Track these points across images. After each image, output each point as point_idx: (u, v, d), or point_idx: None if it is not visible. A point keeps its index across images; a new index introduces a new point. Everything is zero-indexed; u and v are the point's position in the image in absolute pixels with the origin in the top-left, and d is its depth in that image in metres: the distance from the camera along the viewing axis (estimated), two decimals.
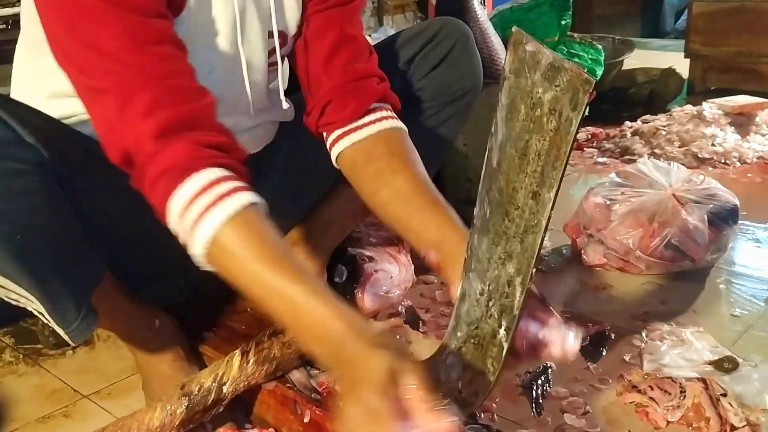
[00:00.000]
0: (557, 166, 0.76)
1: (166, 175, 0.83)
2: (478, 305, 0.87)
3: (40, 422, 1.16)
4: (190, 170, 0.82)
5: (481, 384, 0.89)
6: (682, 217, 1.50)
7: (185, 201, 0.82)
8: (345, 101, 1.08)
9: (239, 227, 0.81)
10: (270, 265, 0.81)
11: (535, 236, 0.79)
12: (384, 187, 1.05)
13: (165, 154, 0.83)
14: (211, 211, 0.81)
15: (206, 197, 0.81)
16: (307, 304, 0.80)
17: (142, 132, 0.83)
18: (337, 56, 1.08)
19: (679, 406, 1.08)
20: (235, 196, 0.82)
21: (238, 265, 0.82)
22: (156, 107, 0.84)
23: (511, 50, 0.79)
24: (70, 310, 0.92)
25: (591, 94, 0.73)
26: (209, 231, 0.81)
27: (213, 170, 0.83)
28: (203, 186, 0.82)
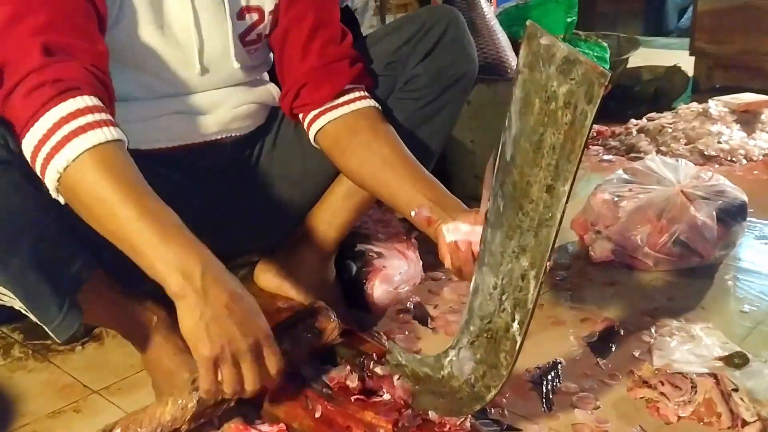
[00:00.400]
0: (572, 160, 0.76)
1: (51, 86, 0.85)
2: (491, 299, 0.87)
3: (50, 417, 1.15)
4: (77, 90, 0.86)
5: (494, 378, 0.89)
6: (691, 213, 1.50)
7: (59, 118, 0.84)
8: (320, 83, 1.15)
9: (102, 158, 0.85)
10: (133, 194, 0.84)
11: (550, 230, 0.80)
12: (371, 157, 1.12)
13: (55, 67, 0.87)
14: (79, 136, 0.84)
15: (78, 121, 0.85)
16: (171, 231, 0.84)
17: (29, 45, 0.87)
18: (314, 41, 1.15)
19: (690, 401, 1.08)
20: (105, 129, 0.86)
21: (93, 194, 0.84)
22: (50, 30, 0.88)
23: (525, 44, 0.79)
24: (51, 307, 0.93)
25: (606, 87, 0.73)
26: (69, 155, 0.84)
27: (91, 98, 0.87)
28: (79, 108, 0.85)
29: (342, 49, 1.17)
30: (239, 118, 1.20)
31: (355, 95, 1.16)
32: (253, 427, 1.07)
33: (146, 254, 0.84)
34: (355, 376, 1.03)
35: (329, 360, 1.09)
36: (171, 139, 1.15)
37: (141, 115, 1.09)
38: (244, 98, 1.20)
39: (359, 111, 1.15)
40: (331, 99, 1.15)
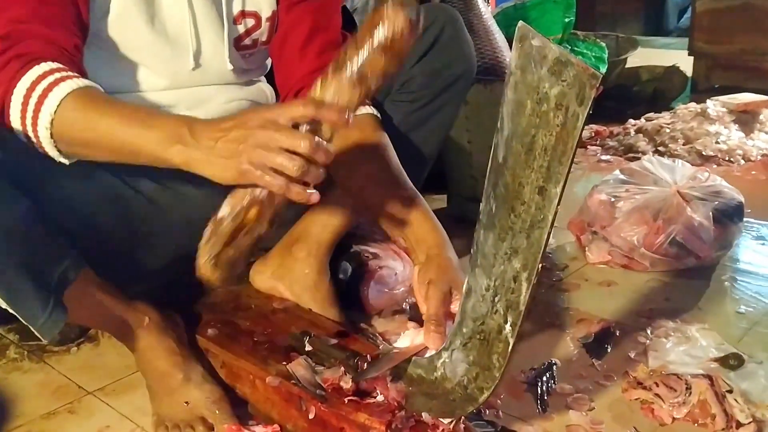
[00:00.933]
0: (564, 161, 0.76)
1: (16, 60, 0.91)
2: (483, 301, 0.87)
3: (44, 418, 1.15)
4: (41, 59, 0.92)
5: (487, 379, 0.89)
6: (687, 214, 1.50)
7: (30, 83, 0.90)
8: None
9: (81, 96, 0.91)
10: (115, 109, 0.91)
11: (542, 231, 0.79)
12: (357, 173, 1.11)
13: (16, 47, 0.92)
14: (54, 88, 0.90)
15: (48, 79, 0.90)
16: (153, 117, 0.90)
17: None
18: (311, 45, 1.15)
19: (684, 402, 1.08)
20: (75, 79, 0.92)
21: (83, 124, 0.90)
22: (20, 21, 0.94)
23: (517, 46, 0.79)
24: (34, 306, 0.93)
25: (597, 89, 0.73)
26: (52, 107, 0.89)
27: (56, 63, 0.93)
28: (47, 70, 0.91)
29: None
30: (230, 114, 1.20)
31: None
32: (246, 428, 1.08)
33: (144, 147, 0.88)
34: (348, 378, 1.02)
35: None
36: None
37: None
38: (235, 95, 1.21)
39: (354, 119, 1.13)
40: None
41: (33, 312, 0.93)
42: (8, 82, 0.91)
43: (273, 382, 1.07)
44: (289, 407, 1.05)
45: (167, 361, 1.12)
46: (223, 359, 1.17)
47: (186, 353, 1.14)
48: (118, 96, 1.05)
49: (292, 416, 1.06)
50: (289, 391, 1.05)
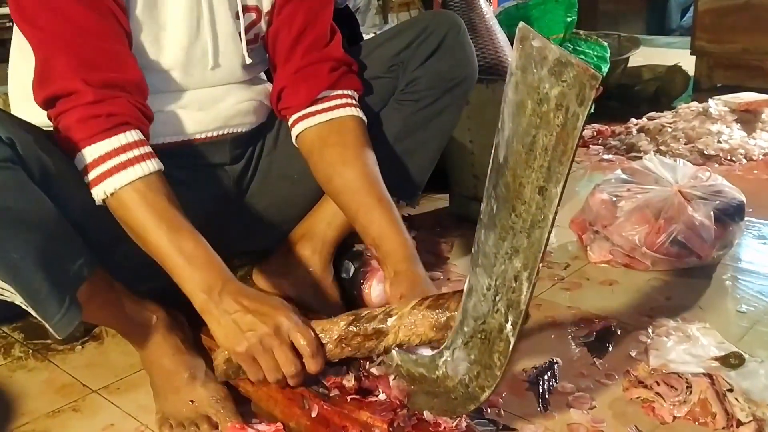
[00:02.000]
0: (564, 161, 0.77)
1: (108, 120, 0.98)
2: (485, 300, 0.88)
3: (49, 417, 1.16)
4: (127, 125, 1.00)
5: (488, 378, 0.90)
6: (689, 213, 1.51)
7: (112, 149, 0.98)
8: (297, 87, 1.19)
9: (145, 190, 0.98)
10: (167, 223, 0.98)
11: (542, 231, 0.80)
12: (335, 177, 1.16)
13: (108, 103, 0.99)
14: (128, 167, 0.98)
15: (129, 154, 0.98)
16: (198, 255, 0.98)
17: (74, 82, 0.98)
18: (299, 43, 1.18)
19: (685, 401, 1.08)
20: (147, 161, 1.00)
21: (136, 220, 0.98)
22: (89, 67, 0.99)
23: (517, 46, 0.79)
24: (51, 303, 0.94)
25: (597, 89, 0.73)
26: (119, 184, 0.97)
27: (138, 133, 1.01)
28: (129, 143, 0.99)
29: (324, 53, 1.19)
30: (240, 114, 1.22)
31: (336, 102, 1.19)
32: (250, 426, 1.08)
33: (177, 275, 0.98)
34: (351, 376, 1.03)
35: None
36: (171, 133, 1.16)
37: None
38: (244, 95, 1.22)
39: (335, 121, 1.18)
40: (309, 103, 1.18)
41: (50, 309, 0.93)
42: (92, 135, 0.98)
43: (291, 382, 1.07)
44: (292, 406, 1.06)
45: (173, 359, 1.12)
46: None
47: (191, 352, 1.15)
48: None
49: (294, 414, 1.06)
50: (291, 389, 1.06)
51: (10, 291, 0.91)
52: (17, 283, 0.90)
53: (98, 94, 0.98)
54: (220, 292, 0.96)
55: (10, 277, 0.90)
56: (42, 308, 0.93)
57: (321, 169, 1.18)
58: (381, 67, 1.27)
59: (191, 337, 1.19)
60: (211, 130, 1.19)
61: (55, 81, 0.99)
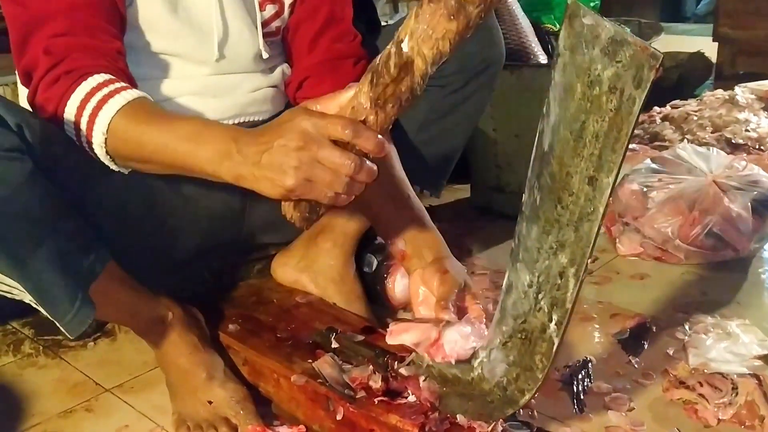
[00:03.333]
0: (617, 149, 0.71)
1: (68, 77, 0.91)
2: (526, 298, 0.82)
3: (61, 417, 1.12)
4: (90, 73, 0.91)
5: (529, 381, 0.84)
6: (725, 204, 1.45)
7: (83, 97, 0.90)
8: (322, 78, 1.14)
9: (132, 112, 0.90)
10: (165, 125, 0.89)
11: (592, 224, 0.74)
12: None
13: (64, 63, 0.92)
14: (107, 102, 0.89)
15: (101, 93, 0.90)
16: (202, 132, 0.88)
17: (38, 50, 0.92)
18: (323, 36, 1.15)
19: (731, 403, 1.03)
20: (124, 92, 0.91)
21: (136, 137, 0.89)
22: (65, 34, 0.93)
23: (566, 25, 0.73)
24: (62, 302, 0.89)
25: (657, 70, 0.67)
26: (105, 120, 0.89)
27: (106, 75, 0.92)
28: (98, 83, 0.91)
29: (351, 48, 1.16)
30: (257, 103, 1.17)
31: None
32: (271, 429, 1.04)
33: (194, 165, 0.88)
34: (378, 377, 0.98)
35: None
36: None
37: (156, 95, 1.05)
38: (261, 82, 1.17)
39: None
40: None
41: (61, 308, 0.89)
42: (59, 99, 0.91)
43: (298, 381, 1.03)
44: (316, 407, 1.01)
45: (189, 358, 1.07)
46: (245, 356, 1.13)
47: (209, 350, 1.10)
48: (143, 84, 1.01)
49: (318, 417, 1.01)
50: (315, 390, 1.01)
51: (18, 289, 0.86)
52: (25, 280, 0.86)
53: (55, 58, 0.92)
54: (238, 150, 0.84)
55: (17, 274, 0.85)
56: (52, 307, 0.88)
57: None
58: None
59: (208, 335, 1.14)
60: (227, 118, 1.14)
61: (26, 53, 0.94)
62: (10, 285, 0.88)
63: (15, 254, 0.85)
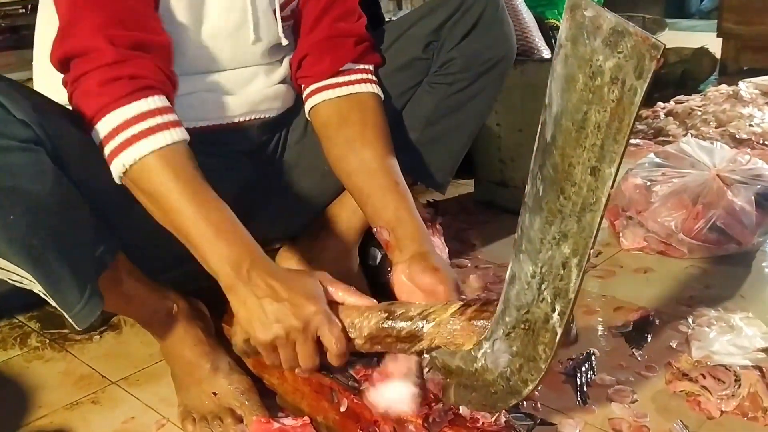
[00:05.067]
0: (619, 139, 0.71)
1: (131, 82, 0.89)
2: (529, 288, 0.82)
3: (67, 409, 1.12)
4: (152, 89, 0.90)
5: (532, 371, 0.85)
6: (728, 198, 1.45)
7: (134, 115, 0.89)
8: (321, 56, 1.13)
9: (166, 160, 0.89)
10: (191, 193, 0.89)
11: (594, 214, 0.74)
12: (352, 156, 1.09)
13: (131, 63, 0.90)
14: (152, 135, 0.89)
15: (153, 120, 0.89)
16: (224, 228, 0.90)
17: (97, 40, 0.89)
18: (327, 14, 1.13)
19: (733, 395, 1.03)
20: (172, 129, 0.90)
21: (158, 190, 0.89)
22: (115, 25, 0.91)
23: (568, 16, 0.73)
24: (71, 292, 0.89)
25: (659, 60, 0.68)
26: (141, 152, 0.88)
27: (163, 99, 0.92)
28: (152, 109, 0.90)
29: (352, 27, 1.14)
30: (269, 99, 1.16)
31: (357, 76, 1.14)
32: (276, 421, 1.04)
33: (202, 249, 0.89)
34: None
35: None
36: (198, 118, 1.09)
37: None
38: (272, 78, 1.16)
39: (355, 96, 1.12)
40: (331, 74, 1.13)
41: (70, 299, 0.89)
42: (113, 100, 0.89)
43: (303, 373, 1.03)
44: (320, 399, 1.02)
45: (194, 350, 1.08)
46: None
47: (213, 343, 1.11)
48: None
49: (322, 408, 1.02)
50: (319, 382, 1.01)
51: (28, 279, 0.87)
52: (37, 270, 0.86)
53: (121, 54, 0.90)
54: (248, 269, 0.88)
55: (29, 264, 0.85)
56: (62, 298, 0.89)
57: (336, 145, 1.12)
58: (416, 48, 1.20)
59: (213, 327, 1.14)
60: (238, 115, 1.13)
61: (75, 37, 0.90)
62: (21, 275, 0.88)
63: (27, 244, 0.84)
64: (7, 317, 1.38)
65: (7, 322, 1.37)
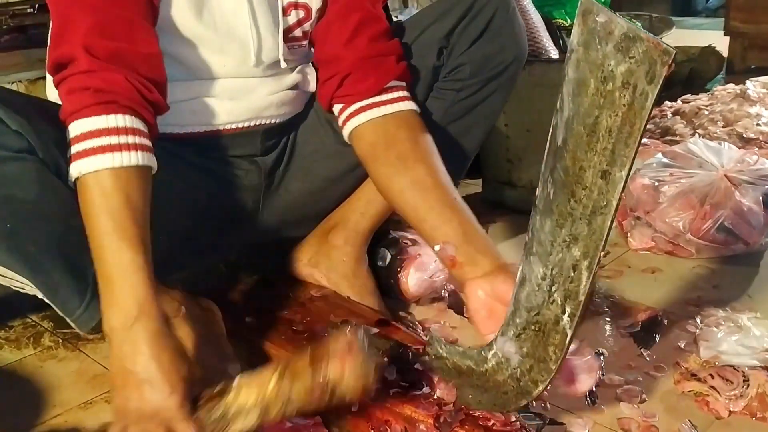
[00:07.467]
0: (630, 144, 0.72)
1: (94, 95, 0.87)
2: (539, 290, 0.83)
3: (82, 408, 1.14)
4: (116, 104, 0.88)
5: (542, 372, 0.86)
6: (736, 198, 1.45)
7: (87, 130, 0.87)
8: (366, 74, 1.09)
9: (106, 182, 0.86)
10: (111, 226, 0.85)
11: (605, 218, 0.75)
12: (404, 174, 1.05)
13: (99, 75, 0.88)
14: (97, 155, 0.86)
15: (102, 140, 0.86)
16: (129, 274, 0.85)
17: (78, 48, 0.88)
18: (361, 34, 1.10)
19: (742, 395, 1.04)
20: (124, 153, 0.87)
21: (94, 210, 0.86)
22: (99, 34, 0.89)
23: (579, 21, 0.74)
24: (71, 298, 0.91)
25: (670, 66, 0.69)
26: (82, 170, 0.86)
27: (127, 118, 0.89)
28: (109, 128, 0.87)
29: (391, 45, 1.13)
30: (274, 106, 1.16)
31: (397, 94, 1.11)
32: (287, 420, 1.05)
33: (101, 289, 0.85)
34: (393, 368, 0.99)
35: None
36: (200, 123, 1.11)
37: (172, 95, 1.05)
38: (279, 85, 1.16)
39: (400, 115, 1.10)
40: (376, 92, 1.09)
41: (70, 305, 0.90)
42: (75, 110, 0.88)
43: None
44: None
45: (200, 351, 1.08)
46: (262, 349, 1.14)
47: (222, 344, 1.11)
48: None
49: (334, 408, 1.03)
50: None
51: (29, 285, 0.88)
52: (35, 277, 0.87)
53: (93, 65, 0.88)
54: (131, 325, 0.83)
55: (27, 271, 0.86)
56: (62, 303, 0.90)
57: (385, 164, 1.08)
58: (431, 57, 1.19)
59: (224, 328, 1.15)
60: (242, 121, 1.14)
61: (62, 45, 0.91)
62: (22, 282, 0.89)
63: (26, 252, 0.86)
64: (21, 317, 1.40)
65: (21, 321, 1.39)
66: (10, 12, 3.32)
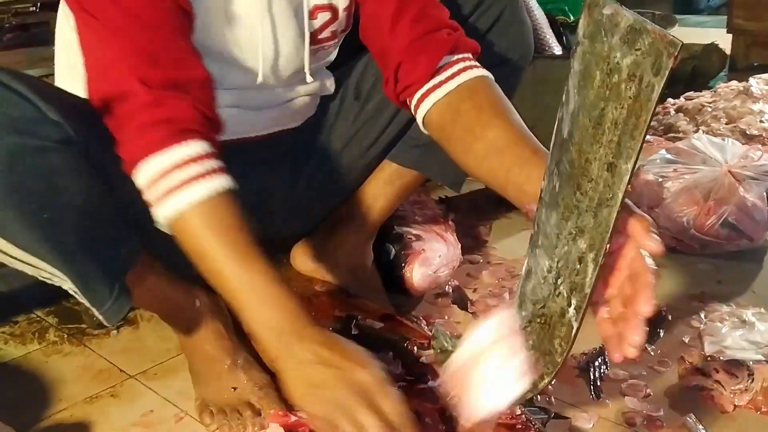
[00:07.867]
0: (636, 136, 0.72)
1: (165, 126, 0.85)
2: (545, 283, 0.84)
3: (87, 402, 1.14)
4: (190, 133, 0.86)
5: (548, 365, 0.85)
6: (740, 194, 1.45)
7: (171, 164, 0.84)
8: (415, 59, 1.03)
9: (211, 212, 0.86)
10: (230, 255, 0.85)
11: (610, 210, 0.75)
12: (475, 143, 0.99)
13: (165, 105, 0.86)
14: (190, 186, 0.84)
15: (191, 169, 0.85)
16: (271, 290, 0.85)
17: (131, 81, 0.85)
18: (401, 18, 1.03)
19: (747, 389, 1.04)
20: (214, 178, 0.86)
21: (200, 247, 0.86)
22: (149, 64, 0.87)
23: (585, 13, 0.75)
24: (102, 289, 0.90)
25: (676, 58, 0.69)
26: (179, 206, 0.85)
27: (203, 144, 0.87)
28: (192, 156, 0.85)
29: (435, 19, 1.05)
30: (299, 115, 1.17)
31: (459, 66, 1.03)
32: (293, 414, 1.05)
33: (245, 315, 0.87)
34: (398, 363, 1.00)
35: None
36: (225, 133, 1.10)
37: None
38: (297, 92, 1.15)
39: (464, 86, 1.02)
40: (432, 74, 1.02)
41: (100, 297, 0.90)
42: (151, 147, 0.85)
43: None
44: None
45: (215, 345, 1.09)
46: None
47: (233, 338, 1.12)
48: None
49: None
50: None
51: (59, 276, 0.88)
52: (69, 268, 0.87)
53: (155, 96, 0.85)
54: (297, 337, 0.84)
55: (61, 262, 0.86)
56: (92, 295, 0.90)
57: (455, 141, 1.02)
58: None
59: (232, 322, 1.15)
60: (261, 130, 1.15)
61: (109, 78, 0.87)
62: (51, 272, 0.88)
63: (60, 242, 0.85)
64: (25, 312, 1.40)
65: (26, 317, 1.39)
66: (13, 10, 3.33)
